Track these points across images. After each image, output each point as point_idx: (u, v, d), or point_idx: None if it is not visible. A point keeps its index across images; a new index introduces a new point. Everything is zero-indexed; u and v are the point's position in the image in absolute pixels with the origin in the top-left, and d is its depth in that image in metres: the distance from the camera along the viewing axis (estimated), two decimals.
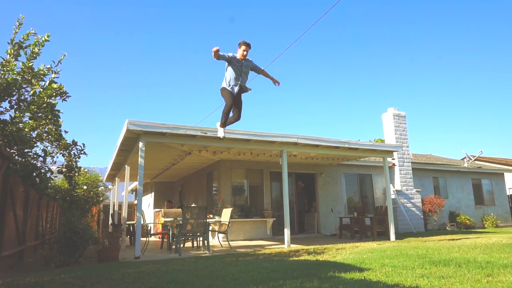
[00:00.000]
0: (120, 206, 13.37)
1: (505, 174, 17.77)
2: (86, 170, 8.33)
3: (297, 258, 5.73)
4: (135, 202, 17.59)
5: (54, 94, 5.19)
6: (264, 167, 11.78)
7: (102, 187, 8.79)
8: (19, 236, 6.29)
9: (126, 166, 9.90)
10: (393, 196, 13.00)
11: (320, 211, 12.50)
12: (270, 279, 3.71)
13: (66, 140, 6.06)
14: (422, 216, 13.47)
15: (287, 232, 8.23)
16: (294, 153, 9.90)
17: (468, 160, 18.21)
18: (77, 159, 6.13)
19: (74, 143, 6.06)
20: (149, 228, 9.72)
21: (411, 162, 14.00)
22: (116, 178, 13.17)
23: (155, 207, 15.83)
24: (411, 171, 13.74)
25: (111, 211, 13.38)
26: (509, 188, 20.13)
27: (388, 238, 9.73)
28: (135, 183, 16.49)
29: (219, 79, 5.59)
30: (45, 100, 5.07)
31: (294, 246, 7.99)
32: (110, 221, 11.93)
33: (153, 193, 17.08)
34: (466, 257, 4.94)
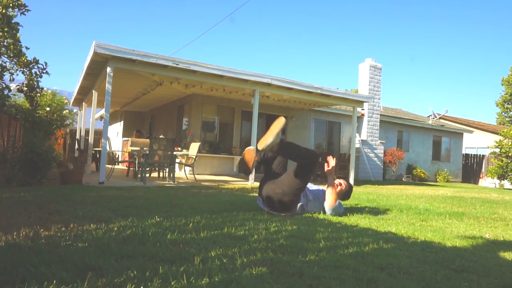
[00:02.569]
0: (87, 132, 13.16)
1: (465, 134, 18.74)
2: (49, 91, 8.00)
3: (257, 194, 6.01)
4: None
5: (10, 5, 4.81)
6: (236, 105, 11.78)
7: (67, 110, 8.55)
8: None
9: (93, 91, 9.61)
10: (358, 145, 13.54)
11: None
12: (225, 210, 3.93)
13: (27, 57, 5.75)
14: (382, 166, 14.24)
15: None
16: (267, 94, 9.90)
17: (433, 118, 18.95)
18: (39, 78, 5.89)
19: (35, 61, 5.77)
20: (116, 156, 9.74)
21: (380, 115, 14.41)
22: (84, 103, 12.80)
23: (124, 136, 15.72)
24: (379, 123, 14.20)
25: (77, 137, 13.18)
26: (465, 148, 21.40)
27: None
28: (103, 110, 16.13)
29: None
30: (1, 10, 4.69)
31: (258, 184, 8.32)
32: (77, 146, 11.81)
33: (122, 122, 16.84)
34: (409, 205, 5.39)
